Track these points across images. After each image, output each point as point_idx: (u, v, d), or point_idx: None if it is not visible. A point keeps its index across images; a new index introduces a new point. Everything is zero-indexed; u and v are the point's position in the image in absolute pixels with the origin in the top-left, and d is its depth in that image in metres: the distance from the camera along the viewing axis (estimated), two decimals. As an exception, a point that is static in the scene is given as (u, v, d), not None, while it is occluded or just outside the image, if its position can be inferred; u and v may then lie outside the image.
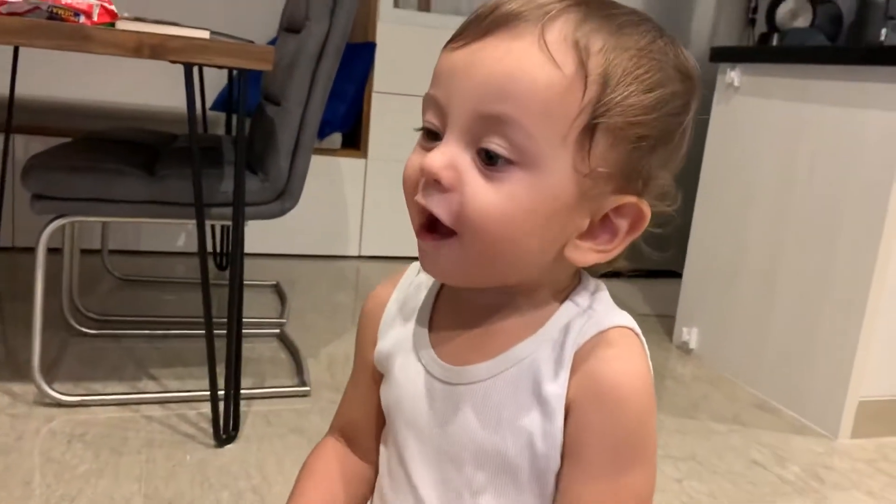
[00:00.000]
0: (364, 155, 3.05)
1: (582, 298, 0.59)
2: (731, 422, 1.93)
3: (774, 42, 3.26)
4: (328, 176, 2.99)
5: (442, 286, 0.65)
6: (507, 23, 0.51)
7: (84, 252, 2.41)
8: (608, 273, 0.61)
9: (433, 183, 0.53)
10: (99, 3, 1.43)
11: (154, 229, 2.80)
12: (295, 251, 3.00)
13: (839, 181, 1.89)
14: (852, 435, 1.88)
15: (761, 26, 3.43)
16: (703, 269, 2.35)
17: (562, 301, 0.59)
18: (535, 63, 0.50)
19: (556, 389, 0.55)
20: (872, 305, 1.82)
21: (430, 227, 0.55)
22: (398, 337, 0.65)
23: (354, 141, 3.10)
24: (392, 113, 3.01)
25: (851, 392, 1.86)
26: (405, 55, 2.93)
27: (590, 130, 0.51)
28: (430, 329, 0.63)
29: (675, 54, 0.55)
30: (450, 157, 0.52)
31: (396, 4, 3.04)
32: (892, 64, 1.76)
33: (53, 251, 1.72)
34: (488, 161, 0.52)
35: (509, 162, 0.51)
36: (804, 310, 1.98)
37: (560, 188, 0.52)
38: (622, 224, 0.56)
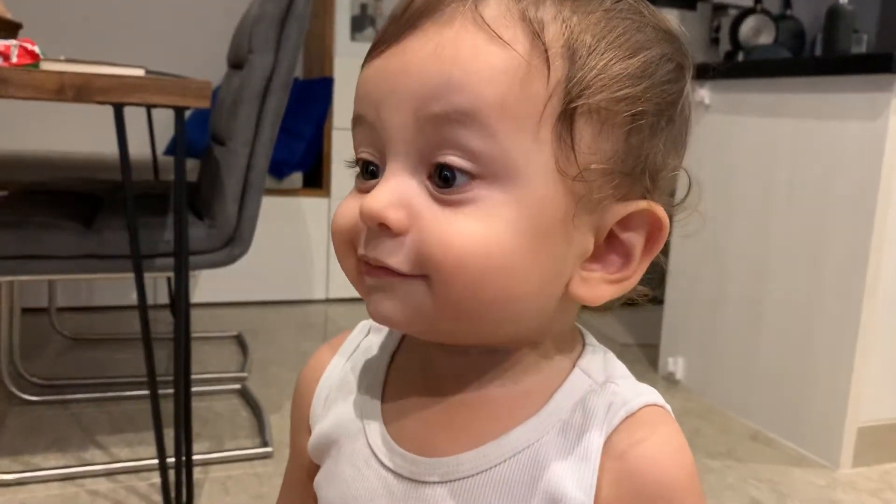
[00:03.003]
0: (327, 193, 2.94)
1: (593, 367, 0.46)
2: (726, 457, 1.82)
3: (740, 60, 3.22)
4: (290, 217, 2.87)
5: (400, 344, 0.51)
6: (430, 12, 0.41)
7: (29, 311, 2.27)
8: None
9: (379, 229, 0.41)
10: (18, 43, 1.31)
11: (106, 283, 2.65)
12: (258, 297, 2.86)
13: (821, 196, 1.81)
14: (854, 464, 1.77)
15: (725, 45, 3.39)
16: (686, 294, 2.25)
17: (569, 367, 0.46)
18: (478, 45, 0.39)
19: (580, 496, 0.42)
20: (866, 324, 1.72)
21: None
22: (340, 417, 0.50)
23: (316, 180, 2.99)
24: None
25: (850, 418, 1.75)
26: (364, 89, 2.83)
27: (568, 118, 0.40)
28: (384, 405, 0.48)
29: (650, 13, 0.44)
30: (395, 191, 0.41)
31: (353, 38, 2.96)
32: (868, 72, 1.69)
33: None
34: (444, 184, 0.40)
35: (471, 177, 0.40)
36: (794, 333, 1.88)
37: (545, 199, 0.40)
38: (635, 240, 0.43)
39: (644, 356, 2.45)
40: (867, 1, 3.17)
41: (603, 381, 0.45)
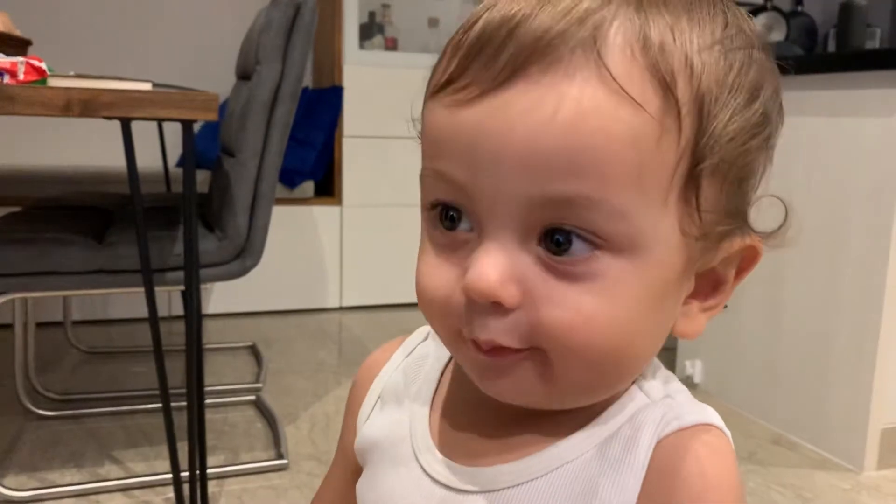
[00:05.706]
0: (339, 202, 2.93)
1: (653, 386, 0.43)
2: (747, 461, 1.79)
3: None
4: (302, 226, 2.87)
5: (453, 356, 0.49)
6: (541, 56, 0.34)
7: (44, 325, 2.28)
8: None
9: (490, 306, 0.37)
10: (25, 60, 1.31)
11: (121, 295, 2.64)
12: (271, 307, 2.86)
13: (839, 194, 1.78)
14: (878, 466, 1.74)
15: (737, 43, 3.36)
16: (702, 296, 2.21)
17: (628, 384, 0.44)
18: (608, 109, 0.34)
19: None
20: (888, 323, 1.69)
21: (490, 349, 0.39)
22: (388, 422, 0.49)
23: (328, 188, 2.98)
24: (365, 157, 2.90)
25: (873, 420, 1.72)
26: (374, 97, 2.83)
27: (695, 179, 0.36)
28: (432, 413, 0.47)
29: (750, 29, 0.39)
30: (504, 263, 0.36)
31: (362, 46, 2.95)
32: (885, 68, 1.66)
33: (5, 327, 1.58)
34: (558, 249, 0.36)
35: (594, 247, 0.36)
36: (814, 333, 1.85)
37: (668, 263, 0.37)
38: (729, 272, 0.42)
39: (661, 360, 2.41)
40: (880, -6, 3.12)
41: (661, 396, 0.43)
